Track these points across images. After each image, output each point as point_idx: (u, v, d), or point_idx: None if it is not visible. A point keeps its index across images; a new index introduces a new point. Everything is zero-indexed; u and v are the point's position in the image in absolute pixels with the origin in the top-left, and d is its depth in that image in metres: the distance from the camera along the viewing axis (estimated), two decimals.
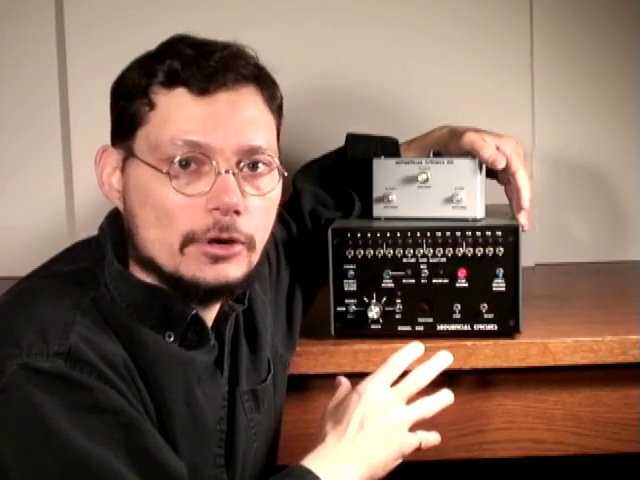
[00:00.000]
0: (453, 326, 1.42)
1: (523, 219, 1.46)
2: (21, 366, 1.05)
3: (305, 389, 1.47)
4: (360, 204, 1.54)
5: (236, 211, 1.13)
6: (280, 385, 1.39)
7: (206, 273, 1.15)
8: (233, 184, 1.14)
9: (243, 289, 1.23)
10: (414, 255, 1.42)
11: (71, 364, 1.06)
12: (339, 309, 1.44)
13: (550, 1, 1.94)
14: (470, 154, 1.46)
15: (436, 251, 1.41)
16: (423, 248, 1.42)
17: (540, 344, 1.41)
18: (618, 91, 1.96)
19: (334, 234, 1.43)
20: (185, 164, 1.13)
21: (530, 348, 1.40)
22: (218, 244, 1.14)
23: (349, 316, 1.44)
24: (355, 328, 1.44)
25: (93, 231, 1.25)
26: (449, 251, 1.41)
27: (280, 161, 1.25)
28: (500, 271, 1.40)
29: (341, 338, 1.45)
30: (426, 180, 1.47)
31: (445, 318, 1.42)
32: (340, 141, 1.59)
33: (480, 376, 1.45)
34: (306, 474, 1.18)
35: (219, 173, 1.13)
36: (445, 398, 1.31)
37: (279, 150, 1.23)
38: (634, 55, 1.93)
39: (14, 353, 1.06)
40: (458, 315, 1.41)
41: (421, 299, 1.42)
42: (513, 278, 1.40)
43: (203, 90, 1.14)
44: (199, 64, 1.15)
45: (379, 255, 1.42)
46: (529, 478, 2.01)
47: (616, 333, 1.43)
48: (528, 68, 1.95)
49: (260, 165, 1.17)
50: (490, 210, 1.49)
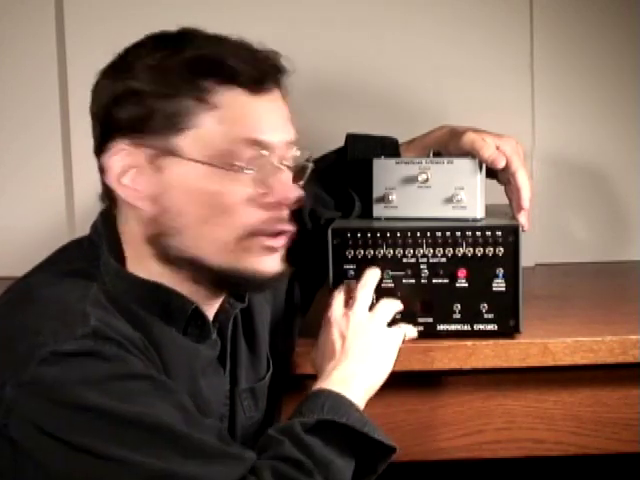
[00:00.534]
0: (453, 326, 1.42)
1: (523, 219, 1.46)
2: (51, 353, 1.06)
3: (305, 389, 1.47)
4: (360, 204, 1.54)
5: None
6: (280, 385, 1.39)
7: (267, 265, 1.19)
8: (291, 179, 1.20)
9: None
10: (414, 255, 1.42)
11: (99, 341, 1.08)
12: None
13: (550, 1, 1.94)
14: (470, 154, 1.46)
15: (436, 251, 1.41)
16: (423, 248, 1.41)
17: (540, 344, 1.41)
18: (618, 91, 1.96)
19: (334, 234, 1.43)
20: (247, 162, 1.16)
21: (530, 348, 1.40)
22: (274, 237, 1.19)
23: None
24: None
25: None
26: (449, 251, 1.41)
27: None
28: (500, 271, 1.40)
29: None
30: (426, 180, 1.47)
31: (445, 318, 1.42)
32: (340, 141, 1.59)
33: (480, 376, 1.45)
34: (318, 392, 1.22)
35: (279, 169, 1.18)
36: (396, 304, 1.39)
37: None
38: (634, 55, 1.93)
39: (40, 342, 1.07)
40: (458, 315, 1.41)
41: (421, 299, 1.42)
42: (513, 278, 1.40)
43: (258, 89, 1.17)
44: (253, 64, 1.17)
45: (379, 255, 1.42)
46: (529, 478, 2.01)
47: (616, 333, 1.43)
48: (528, 68, 1.95)
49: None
50: (490, 210, 1.49)
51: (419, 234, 1.42)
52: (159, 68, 1.15)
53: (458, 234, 1.41)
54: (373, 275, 1.38)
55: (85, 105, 1.86)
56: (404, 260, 1.42)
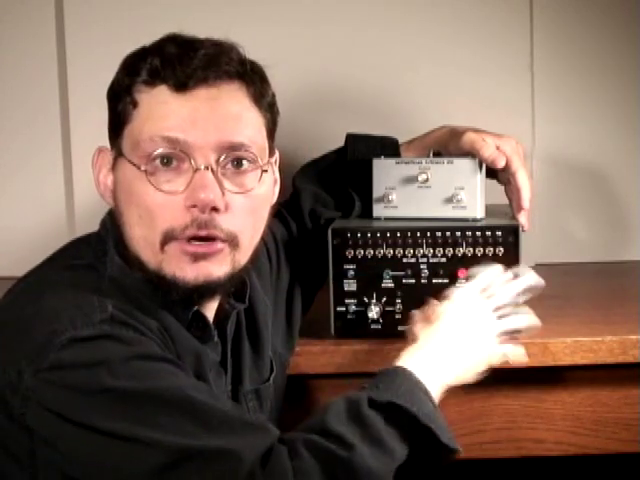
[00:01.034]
0: None
1: (523, 219, 1.46)
2: (69, 340, 1.06)
3: (305, 389, 1.47)
4: (360, 204, 1.54)
5: (214, 208, 1.13)
6: (280, 385, 1.39)
7: (186, 272, 1.14)
8: (210, 180, 1.13)
9: (227, 289, 1.22)
10: (414, 255, 1.42)
11: (117, 326, 1.08)
12: (339, 309, 1.44)
13: (550, 1, 1.94)
14: (470, 154, 1.46)
15: (436, 251, 1.41)
16: (423, 248, 1.42)
17: (540, 344, 1.41)
18: (618, 91, 1.95)
19: (334, 234, 1.43)
20: (166, 162, 1.14)
21: (530, 348, 1.40)
22: (198, 242, 1.14)
23: (349, 316, 1.44)
24: (355, 328, 1.44)
25: (93, 231, 1.25)
26: (449, 251, 1.41)
27: (280, 159, 1.25)
28: None
29: (341, 338, 1.44)
30: (426, 180, 1.47)
31: None
32: (340, 141, 1.59)
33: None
34: (400, 371, 1.18)
35: (197, 170, 1.13)
36: (530, 318, 1.33)
37: (272, 148, 1.23)
38: (634, 55, 1.93)
39: (57, 330, 1.06)
40: None
41: (421, 299, 1.42)
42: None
43: (182, 86, 1.14)
44: (181, 61, 1.14)
45: (379, 255, 1.42)
46: (529, 478, 2.01)
47: (616, 333, 1.43)
48: (528, 68, 1.95)
49: (244, 162, 1.16)
50: (490, 210, 1.49)
51: (419, 234, 1.42)
52: (117, 73, 1.19)
53: (458, 234, 1.41)
54: (518, 284, 1.35)
55: (85, 105, 1.87)
56: (404, 260, 1.42)
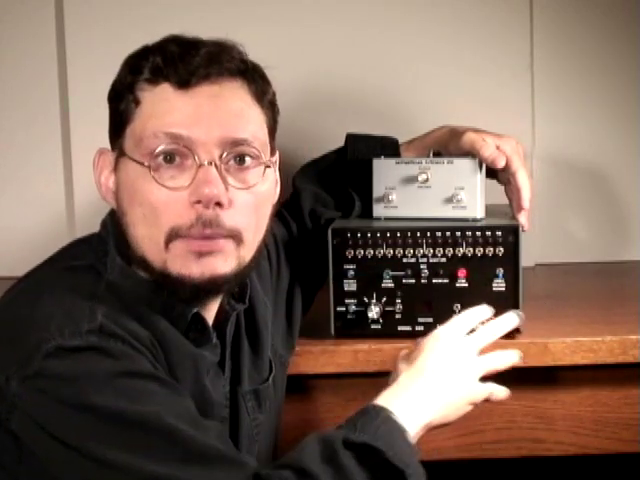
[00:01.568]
0: None
1: (523, 219, 1.46)
2: (57, 348, 1.06)
3: (305, 389, 1.47)
4: (360, 204, 1.54)
5: (219, 203, 1.13)
6: (280, 385, 1.39)
7: (192, 269, 1.14)
8: (214, 175, 1.13)
9: (232, 286, 1.21)
10: (414, 255, 1.42)
11: (105, 338, 1.08)
12: (339, 309, 1.44)
13: (550, 1, 1.94)
14: (470, 154, 1.46)
15: (436, 251, 1.41)
16: (423, 248, 1.42)
17: (540, 344, 1.41)
18: (618, 91, 1.95)
19: (334, 234, 1.43)
20: (169, 158, 1.13)
21: (530, 348, 1.40)
22: (202, 240, 1.13)
23: (349, 316, 1.44)
24: (355, 328, 1.44)
25: (93, 231, 1.26)
26: (449, 251, 1.41)
27: (280, 158, 1.25)
28: (500, 271, 1.40)
29: (341, 338, 1.44)
30: (426, 180, 1.47)
31: (445, 318, 1.41)
32: (340, 141, 1.59)
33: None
34: (379, 411, 1.16)
35: (200, 165, 1.13)
36: (513, 356, 1.31)
37: (273, 147, 1.22)
38: (634, 55, 1.93)
39: (45, 337, 1.06)
40: None
41: (421, 299, 1.42)
42: (513, 278, 1.40)
43: (185, 83, 1.14)
44: (183, 59, 1.15)
45: (379, 255, 1.42)
46: (529, 478, 2.01)
47: (616, 333, 1.43)
48: (528, 68, 1.95)
49: (247, 159, 1.16)
50: (490, 210, 1.49)
51: (419, 234, 1.42)
52: (119, 72, 1.19)
53: (458, 234, 1.41)
54: (507, 324, 1.33)
55: (85, 105, 1.87)
56: (404, 260, 1.42)
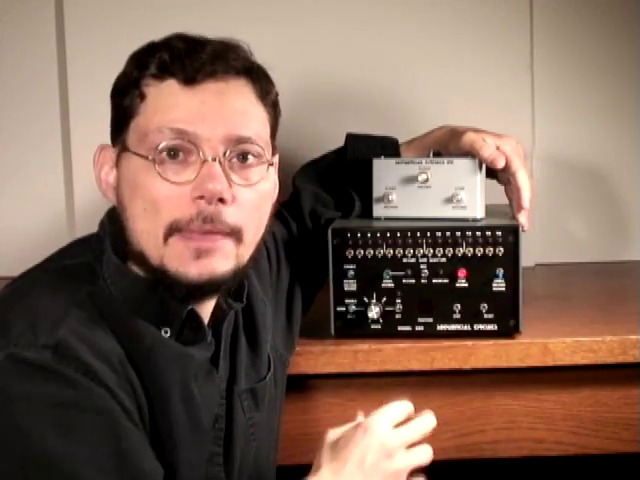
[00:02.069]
0: (453, 326, 1.42)
1: (523, 219, 1.46)
2: (8, 356, 1.05)
3: (305, 389, 1.47)
4: (360, 204, 1.54)
5: (221, 199, 1.12)
6: (280, 384, 1.38)
7: (190, 269, 1.13)
8: (218, 171, 1.13)
9: (230, 286, 1.21)
10: (414, 255, 1.42)
11: (58, 358, 1.06)
12: (339, 309, 1.44)
13: (550, 1, 1.94)
14: (470, 154, 1.46)
15: (436, 251, 1.41)
16: (423, 248, 1.42)
17: (540, 344, 1.41)
18: (618, 91, 1.96)
19: (334, 234, 1.43)
20: (173, 154, 1.13)
21: (530, 348, 1.40)
22: (202, 235, 1.13)
23: (349, 316, 1.44)
24: (355, 328, 1.44)
25: (93, 231, 1.26)
26: (449, 251, 1.41)
27: (279, 159, 1.25)
28: (500, 271, 1.40)
29: (341, 338, 1.44)
30: (426, 180, 1.47)
31: (445, 318, 1.42)
32: (340, 141, 1.59)
33: (480, 376, 1.45)
34: None
35: (205, 161, 1.13)
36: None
37: (274, 147, 1.23)
38: (634, 55, 1.93)
39: (3, 343, 1.06)
40: (458, 315, 1.41)
41: (421, 299, 1.42)
42: (513, 278, 1.40)
43: (191, 80, 1.14)
44: (189, 56, 1.15)
45: (379, 255, 1.42)
46: (529, 478, 2.01)
47: (616, 333, 1.43)
48: (528, 68, 1.95)
49: (250, 156, 1.16)
50: (490, 210, 1.49)
51: (419, 234, 1.42)
52: (124, 68, 1.19)
53: (458, 234, 1.41)
54: (429, 423, 1.22)
55: (85, 105, 1.87)
56: (404, 260, 1.42)
